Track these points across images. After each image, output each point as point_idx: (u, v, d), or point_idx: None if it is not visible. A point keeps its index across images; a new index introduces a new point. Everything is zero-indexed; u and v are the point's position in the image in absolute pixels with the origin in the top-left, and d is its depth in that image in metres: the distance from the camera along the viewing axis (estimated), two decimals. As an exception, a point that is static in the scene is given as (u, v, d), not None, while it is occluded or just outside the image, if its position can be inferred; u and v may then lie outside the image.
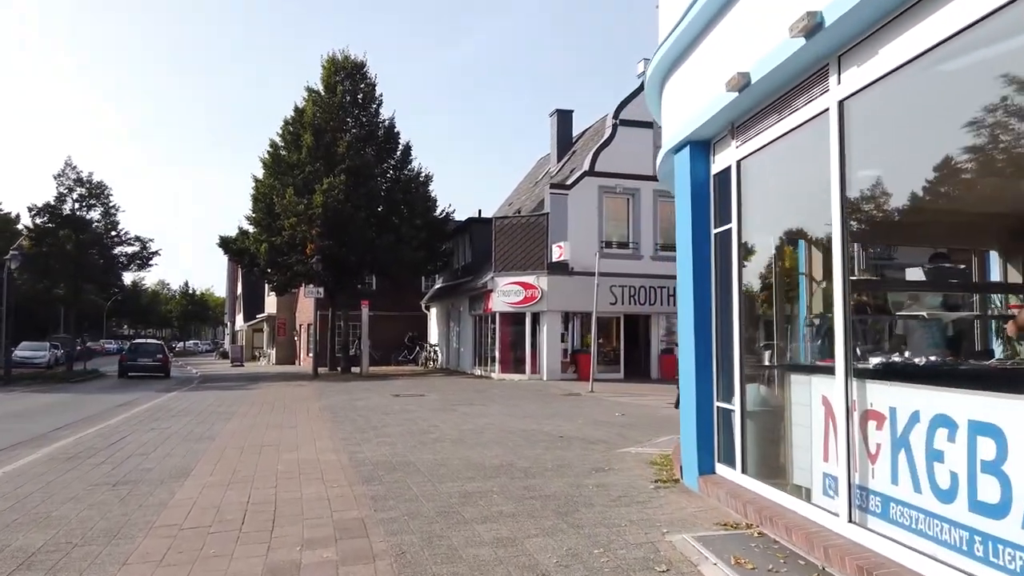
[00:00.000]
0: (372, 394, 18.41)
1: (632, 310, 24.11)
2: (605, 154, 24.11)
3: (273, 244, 26.92)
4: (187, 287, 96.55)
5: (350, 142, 27.23)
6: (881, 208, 4.85)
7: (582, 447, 9.07)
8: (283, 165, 27.91)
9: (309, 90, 28.78)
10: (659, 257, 24.36)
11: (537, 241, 23.73)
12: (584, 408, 14.42)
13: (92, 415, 14.64)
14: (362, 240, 26.75)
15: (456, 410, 14.06)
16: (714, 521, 5.26)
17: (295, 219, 25.72)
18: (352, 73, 29.01)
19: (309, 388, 21.28)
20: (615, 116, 24.34)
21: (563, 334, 23.85)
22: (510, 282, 23.85)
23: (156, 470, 7.90)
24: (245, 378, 28.40)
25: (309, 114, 27.79)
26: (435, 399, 16.74)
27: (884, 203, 4.84)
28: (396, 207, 28.19)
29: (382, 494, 6.46)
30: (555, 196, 23.65)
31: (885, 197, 4.82)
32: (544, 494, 6.34)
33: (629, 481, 6.85)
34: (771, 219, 5.82)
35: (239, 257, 30.24)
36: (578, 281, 23.19)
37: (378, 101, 29.62)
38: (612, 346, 24.59)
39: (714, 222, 6.29)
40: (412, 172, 29.60)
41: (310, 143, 27.19)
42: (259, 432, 11.01)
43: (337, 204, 25.99)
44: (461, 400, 16.46)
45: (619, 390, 19.33)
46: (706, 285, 6.30)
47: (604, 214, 24.08)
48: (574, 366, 23.71)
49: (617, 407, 14.42)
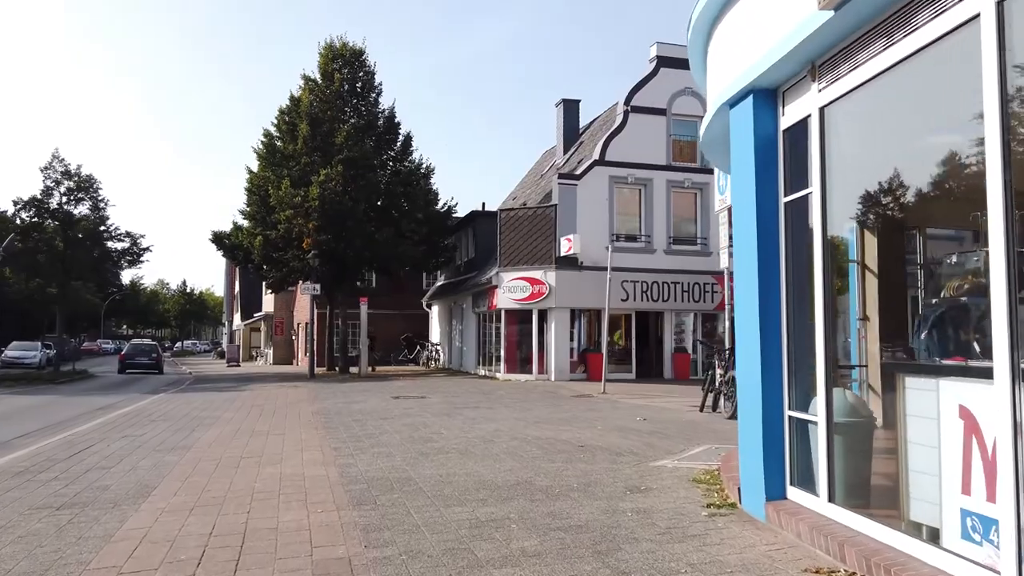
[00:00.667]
0: (370, 396, 17.25)
1: (644, 306, 22.92)
2: (616, 142, 22.92)
3: (268, 239, 25.77)
4: (185, 286, 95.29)
5: (348, 132, 26.06)
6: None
7: (608, 459, 7.89)
8: (278, 156, 26.77)
9: (305, 78, 27.62)
10: (672, 251, 23.18)
11: (545, 234, 22.55)
12: (600, 411, 13.25)
13: (66, 420, 13.51)
14: (361, 234, 25.59)
15: (461, 414, 12.89)
16: (802, 567, 4.08)
17: (291, 212, 24.57)
18: (350, 60, 27.84)
19: (304, 390, 20.11)
20: (626, 102, 23.14)
21: (572, 332, 22.67)
22: (516, 277, 22.67)
23: (113, 488, 6.74)
24: (238, 379, 27.24)
25: (305, 103, 26.64)
26: (438, 401, 15.58)
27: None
28: (396, 200, 27.03)
29: (375, 522, 5.30)
30: (563, 187, 22.47)
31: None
32: (574, 523, 5.17)
33: (675, 505, 5.68)
34: (867, 178, 4.63)
35: (233, 253, 29.05)
36: (587, 276, 22.03)
37: (377, 90, 28.48)
38: (623, 345, 23.41)
39: (784, 188, 5.11)
40: (413, 164, 28.43)
41: (306, 133, 26.04)
42: (241, 441, 9.84)
43: (334, 196, 24.84)
44: (466, 403, 15.30)
45: (633, 391, 18.17)
46: (773, 267, 5.11)
47: (615, 206, 22.89)
48: (583, 366, 22.53)
49: (636, 411, 13.24)
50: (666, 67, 23.36)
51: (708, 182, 23.46)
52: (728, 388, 12.25)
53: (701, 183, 23.46)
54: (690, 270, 23.10)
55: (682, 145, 23.60)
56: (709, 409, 12.88)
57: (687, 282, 23.08)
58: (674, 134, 23.45)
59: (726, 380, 12.41)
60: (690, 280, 23.06)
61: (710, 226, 23.49)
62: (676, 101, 23.43)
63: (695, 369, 23.45)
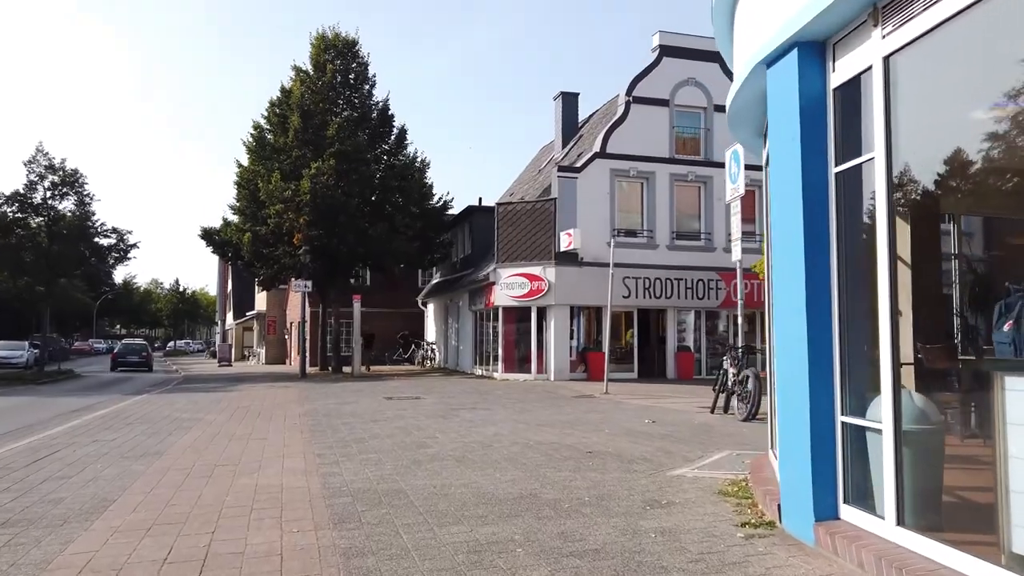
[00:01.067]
0: (363, 397, 16.50)
1: (646, 304, 22.20)
2: (617, 134, 22.19)
3: (258, 234, 24.98)
4: (178, 285, 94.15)
5: (340, 124, 25.28)
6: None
7: (620, 468, 7.17)
8: (268, 149, 25.97)
9: (297, 69, 26.82)
10: (676, 247, 22.46)
11: (544, 229, 21.82)
12: (604, 413, 12.53)
13: (39, 422, 12.72)
14: (353, 229, 24.82)
15: (457, 416, 12.16)
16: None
17: (281, 206, 23.77)
18: (343, 51, 27.06)
19: (294, 390, 19.35)
20: (628, 93, 22.41)
21: (572, 330, 21.94)
22: (514, 274, 21.93)
23: (67, 501, 6.00)
24: (228, 379, 26.44)
25: (296, 94, 25.85)
26: (433, 402, 14.84)
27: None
28: (390, 194, 26.26)
29: (359, 546, 4.56)
30: (563, 180, 21.73)
31: None
32: (590, 547, 4.44)
33: (704, 524, 4.95)
34: (942, 141, 3.91)
35: (223, 250, 28.22)
36: (588, 272, 21.32)
37: (371, 82, 27.70)
38: (625, 343, 22.70)
39: (835, 157, 4.38)
40: (407, 158, 27.66)
41: (297, 125, 25.25)
42: (219, 446, 9.08)
43: (326, 190, 24.06)
44: (462, 403, 14.57)
45: (636, 391, 17.47)
46: (822, 248, 4.38)
47: (616, 200, 22.16)
48: (584, 365, 21.81)
49: (643, 412, 12.53)
50: (669, 56, 22.66)
51: (712, 175, 22.81)
52: (742, 389, 11.55)
53: (705, 176, 22.76)
54: (694, 266, 22.39)
55: (685, 138, 22.89)
56: (720, 411, 12.18)
57: (691, 279, 22.37)
58: (677, 126, 22.74)
59: (739, 380, 11.70)
60: (694, 277, 22.35)
61: (714, 221, 22.81)
62: (679, 92, 22.72)
63: (699, 368, 22.76)
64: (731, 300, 22.61)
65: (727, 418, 11.58)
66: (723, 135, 22.97)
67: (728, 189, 12.88)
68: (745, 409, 11.26)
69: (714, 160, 22.80)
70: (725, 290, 22.61)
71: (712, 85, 22.89)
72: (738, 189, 12.37)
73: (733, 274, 22.69)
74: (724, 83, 23.92)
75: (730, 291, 22.64)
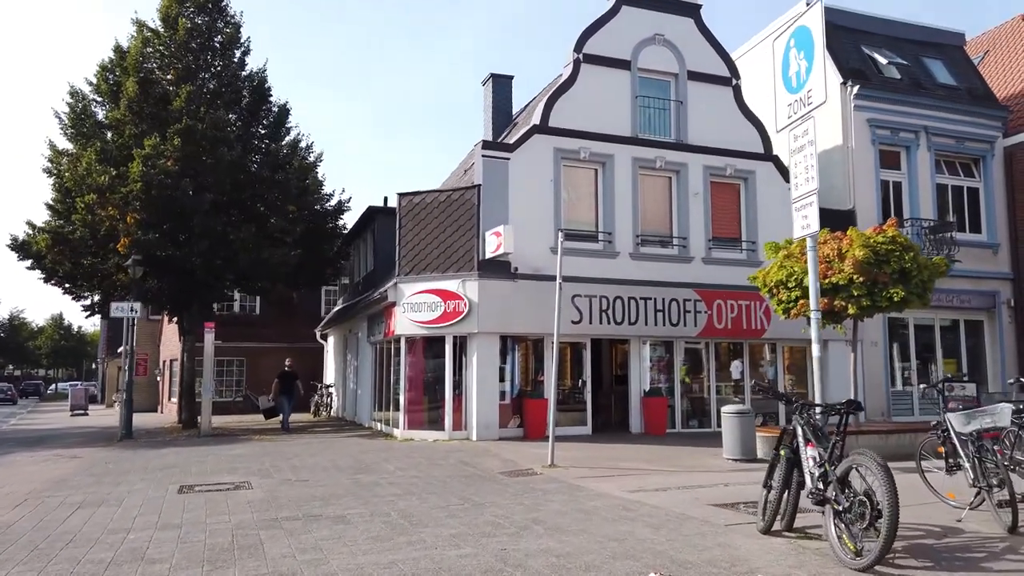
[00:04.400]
0: (149, 485, 9.89)
1: (603, 331, 16.33)
2: (564, 102, 16.51)
3: (66, 237, 18.08)
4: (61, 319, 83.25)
5: (192, 94, 18.79)
6: None
7: None
8: (90, 124, 19.21)
9: (139, 23, 20.23)
10: (641, 255, 16.77)
11: (463, 228, 15.80)
12: (554, 521, 6.40)
13: None
14: (207, 233, 18.22)
15: (274, 541, 5.82)
16: None
17: (94, 196, 17.02)
18: (204, 5, 20.71)
19: (68, 466, 12.51)
20: (577, 49, 16.81)
21: (502, 368, 15.81)
22: (422, 290, 15.77)
23: None
24: (24, 440, 19.15)
25: (134, 54, 19.29)
26: (254, 500, 8.39)
27: None
28: (262, 189, 19.78)
29: None
30: (490, 161, 15.84)
31: None
32: None
33: None
34: None
35: (40, 263, 20.89)
36: (524, 288, 15.40)
37: (243, 48, 21.32)
38: (574, 386, 16.74)
39: None
40: (287, 145, 21.31)
41: (133, 93, 18.63)
42: None
43: (166, 178, 17.47)
44: (310, 497, 8.24)
45: (596, 460, 11.50)
46: None
47: (563, 190, 16.41)
48: (519, 417, 15.72)
49: (623, 519, 6.46)
50: (629, 6, 17.27)
51: (687, 162, 17.35)
52: (984, 466, 5.73)
53: (678, 164, 17.28)
54: (665, 281, 16.73)
55: (651, 112, 17.41)
56: (780, 519, 6.26)
57: (661, 298, 16.66)
58: (641, 95, 17.25)
59: (836, 476, 5.66)
60: (666, 295, 16.66)
61: (690, 222, 17.30)
62: (643, 52, 17.28)
63: (673, 419, 16.95)
64: (713, 327, 17.01)
65: (806, 544, 5.61)
66: (700, 111, 17.60)
67: (780, 103, 7.20)
68: (1010, 518, 5.68)
69: (688, 143, 17.39)
70: (706, 313, 16.99)
71: (685, 45, 17.58)
72: (812, 96, 6.65)
73: (716, 292, 17.17)
74: (700, 43, 18.55)
75: (712, 314, 17.04)
